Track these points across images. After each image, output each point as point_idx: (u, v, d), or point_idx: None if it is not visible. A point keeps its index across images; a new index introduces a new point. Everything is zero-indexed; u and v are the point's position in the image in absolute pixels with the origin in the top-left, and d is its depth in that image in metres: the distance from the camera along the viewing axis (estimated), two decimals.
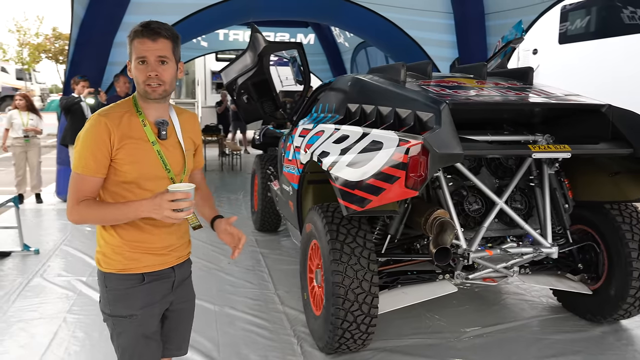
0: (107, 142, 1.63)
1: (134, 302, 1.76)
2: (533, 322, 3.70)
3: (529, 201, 3.40)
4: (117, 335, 1.79)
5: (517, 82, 3.64)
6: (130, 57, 1.67)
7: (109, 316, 1.78)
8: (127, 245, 1.73)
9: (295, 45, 4.35)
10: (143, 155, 1.68)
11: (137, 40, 1.64)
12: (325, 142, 3.12)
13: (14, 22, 32.27)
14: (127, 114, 1.69)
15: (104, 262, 1.76)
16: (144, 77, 1.64)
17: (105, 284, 1.76)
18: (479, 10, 7.65)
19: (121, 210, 1.64)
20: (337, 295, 2.81)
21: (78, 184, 1.65)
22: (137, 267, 1.75)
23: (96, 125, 1.65)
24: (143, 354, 1.81)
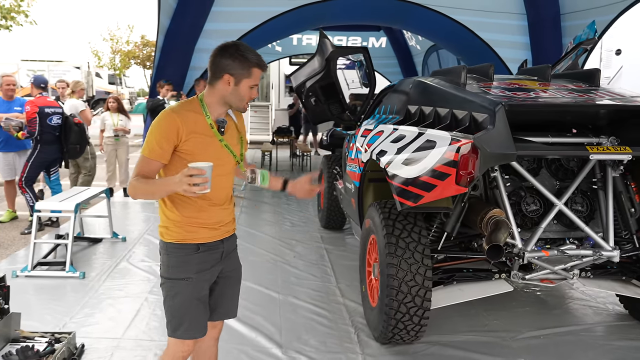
0: (175, 134, 1.93)
1: (190, 267, 2.04)
2: (595, 328, 3.64)
3: (591, 204, 3.36)
4: (173, 296, 2.06)
5: (583, 84, 3.60)
6: (238, 76, 1.97)
7: (167, 279, 2.07)
8: (185, 220, 2.03)
9: (361, 49, 4.53)
10: (207, 147, 1.98)
11: (257, 70, 1.98)
12: (384, 141, 3.27)
13: (107, 31, 34.87)
14: (194, 113, 1.99)
15: (166, 234, 2.06)
16: (248, 98, 2.02)
17: (167, 252, 2.06)
18: (554, 11, 7.44)
19: (157, 184, 1.94)
20: (391, 287, 2.96)
21: (141, 164, 1.96)
22: (193, 238, 2.04)
23: (168, 119, 1.95)
24: (194, 313, 2.08)
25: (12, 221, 6.31)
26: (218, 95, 2.01)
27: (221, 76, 1.97)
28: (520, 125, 3.15)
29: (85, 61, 27.34)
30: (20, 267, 4.39)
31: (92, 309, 3.73)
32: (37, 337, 3.07)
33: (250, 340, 3.32)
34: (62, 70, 25.12)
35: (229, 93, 1.99)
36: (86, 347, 3.13)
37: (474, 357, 3.15)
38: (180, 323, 2.07)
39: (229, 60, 1.96)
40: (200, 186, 1.76)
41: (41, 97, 5.85)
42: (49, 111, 5.79)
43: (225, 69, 1.97)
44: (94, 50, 28.58)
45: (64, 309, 3.70)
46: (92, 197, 5.23)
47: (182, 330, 2.08)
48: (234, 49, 1.97)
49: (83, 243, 5.28)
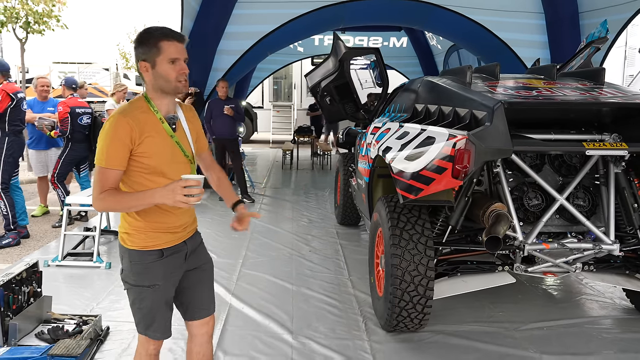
0: (128, 139, 1.82)
1: (156, 273, 2.00)
2: (599, 320, 3.72)
3: (593, 199, 3.45)
4: (140, 302, 2.03)
5: (588, 82, 3.68)
6: (150, 58, 1.85)
7: (133, 286, 2.02)
8: (149, 226, 1.96)
9: (373, 50, 4.68)
10: (162, 146, 1.90)
11: (166, 42, 1.84)
12: (389, 138, 3.43)
13: (135, 33, 35.68)
14: (142, 112, 1.90)
15: (128, 241, 1.99)
16: (176, 75, 1.86)
17: (129, 259, 2.00)
18: (572, 9, 7.44)
19: (137, 198, 1.84)
20: (395, 276, 3.11)
21: (101, 177, 1.84)
22: (157, 244, 1.99)
23: (118, 123, 1.83)
24: (162, 316, 2.08)
25: (44, 215, 6.66)
26: (150, 86, 1.92)
27: (139, 67, 1.89)
28: (526, 123, 3.26)
29: (114, 63, 28.07)
30: (52, 257, 4.68)
31: (117, 295, 3.98)
32: (66, 319, 3.34)
33: (263, 327, 3.51)
34: (91, 71, 25.87)
35: (154, 79, 1.88)
36: (111, 329, 3.37)
37: (476, 346, 3.28)
38: (149, 325, 2.08)
39: (138, 49, 1.88)
40: (195, 197, 1.75)
41: (72, 98, 6.17)
42: (79, 111, 6.10)
43: (139, 58, 1.88)
44: (122, 52, 29.30)
45: (91, 295, 3.96)
46: None
47: (151, 331, 2.09)
48: (139, 35, 1.90)
49: (109, 236, 5.56)
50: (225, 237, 5.65)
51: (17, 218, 5.44)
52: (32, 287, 3.28)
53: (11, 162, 5.40)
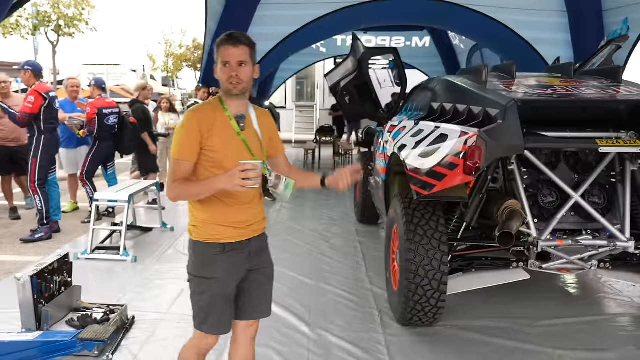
0: (197, 132, 1.97)
1: (217, 267, 2.06)
2: (616, 318, 3.72)
3: (609, 197, 3.46)
4: (199, 293, 2.09)
5: (605, 80, 3.69)
6: (216, 60, 2.03)
7: (195, 277, 2.10)
8: (212, 219, 2.05)
9: (391, 50, 4.76)
10: (228, 142, 2.01)
11: (222, 47, 2.00)
12: (405, 136, 3.50)
13: (162, 35, 36.38)
14: (213, 109, 2.04)
15: (194, 232, 2.09)
16: (226, 78, 2.00)
17: (194, 250, 2.10)
18: (596, 7, 7.36)
19: (202, 184, 1.97)
20: (409, 270, 3.18)
21: (175, 168, 1.99)
22: (219, 238, 2.06)
23: (189, 118, 2.02)
24: (219, 310, 2.10)
25: (74, 212, 6.91)
26: (221, 87, 2.07)
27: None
28: (544, 122, 3.29)
29: (141, 64, 28.65)
30: (81, 251, 4.89)
31: (142, 287, 4.15)
32: (95, 308, 3.50)
33: (282, 319, 3.62)
34: (119, 73, 26.50)
35: (220, 81, 2.05)
36: (136, 318, 3.52)
37: (489, 340, 3.33)
38: (206, 319, 2.11)
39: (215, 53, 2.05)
40: (253, 181, 1.83)
41: (100, 99, 6.40)
42: (106, 112, 6.32)
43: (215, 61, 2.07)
44: (149, 53, 29.89)
45: (118, 287, 4.13)
46: (144, 189, 5.71)
47: (207, 326, 2.12)
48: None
49: (136, 231, 5.76)
50: None
51: (51, 213, 5.68)
52: (63, 277, 3.46)
53: (47, 159, 5.64)
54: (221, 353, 3.05)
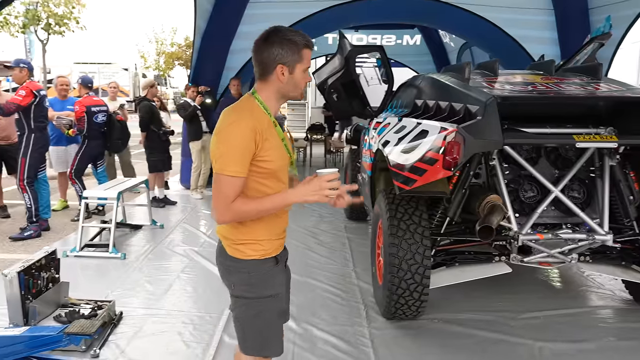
0: (253, 143, 1.72)
1: (275, 282, 1.91)
2: (596, 311, 3.80)
3: (588, 191, 3.52)
4: (255, 315, 1.89)
5: (586, 77, 3.76)
6: (291, 63, 1.78)
7: (251, 299, 1.88)
8: (266, 233, 1.88)
9: (377, 48, 4.80)
10: (277, 149, 1.82)
11: (307, 51, 1.81)
12: (388, 132, 3.55)
13: (153, 33, 36.25)
14: (259, 114, 1.80)
15: (247, 250, 1.86)
16: (305, 84, 1.86)
17: (247, 270, 1.87)
18: (582, 6, 7.44)
19: (272, 201, 1.76)
20: (393, 265, 3.24)
21: (228, 186, 1.71)
22: (273, 251, 1.91)
23: (245, 127, 1.71)
24: (279, 329, 1.98)
25: (64, 210, 6.91)
26: (273, 89, 1.83)
27: (274, 68, 1.79)
28: (526, 118, 3.35)
29: (133, 63, 28.57)
30: (70, 248, 4.91)
31: (131, 284, 4.18)
32: (82, 304, 3.53)
33: None
34: (111, 71, 26.40)
35: (285, 83, 1.81)
36: (124, 314, 3.56)
37: (472, 333, 3.39)
38: (267, 342, 1.95)
39: (277, 49, 1.77)
40: (335, 191, 1.75)
41: (88, 97, 6.41)
42: (95, 110, 6.34)
43: (276, 60, 1.78)
44: (141, 52, 29.81)
45: (106, 283, 4.16)
46: (133, 186, 5.74)
47: (269, 349, 1.96)
48: (279, 35, 1.78)
49: (125, 229, 5.78)
50: None
51: (40, 211, 5.69)
52: (50, 273, 3.49)
53: (37, 157, 5.64)
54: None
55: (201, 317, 3.58)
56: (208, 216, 6.63)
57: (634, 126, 3.33)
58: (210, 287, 4.17)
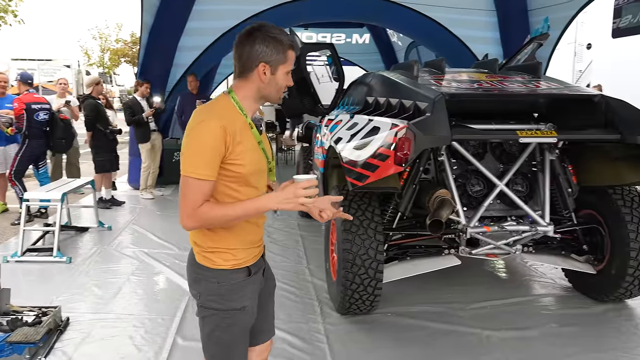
0: (223, 144, 1.62)
1: (246, 293, 1.79)
2: (540, 299, 3.98)
3: (531, 185, 3.69)
4: (224, 328, 1.78)
5: (527, 75, 3.93)
6: (274, 63, 1.69)
7: (219, 311, 1.77)
8: (240, 242, 1.77)
9: (328, 45, 4.84)
10: (251, 153, 1.70)
11: (292, 52, 1.72)
12: (341, 129, 3.59)
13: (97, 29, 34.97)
14: (233, 115, 1.70)
15: (216, 259, 1.76)
16: (285, 87, 1.77)
17: (217, 280, 1.76)
18: (521, 7, 7.78)
19: (244, 208, 1.65)
20: (346, 260, 3.27)
21: (195, 190, 1.61)
22: (246, 261, 1.79)
23: (213, 127, 1.61)
24: (244, 344, 1.86)
25: (3, 213, 6.57)
26: (253, 88, 1.73)
27: (255, 66, 1.68)
28: (473, 114, 3.47)
29: (75, 60, 27.46)
30: (11, 254, 4.67)
31: (78, 288, 4.02)
32: (25, 311, 3.37)
33: None
34: (52, 68, 25.27)
35: (266, 84, 1.71)
36: (71, 320, 3.42)
37: (424, 325, 3.48)
38: (231, 356, 1.83)
39: (261, 46, 1.67)
40: (313, 199, 1.64)
41: (28, 94, 6.11)
42: (35, 107, 6.05)
43: (259, 57, 1.67)
44: (84, 48, 28.70)
45: (51, 289, 3.99)
46: (78, 187, 5.53)
47: None
48: (263, 31, 1.67)
49: (70, 232, 5.57)
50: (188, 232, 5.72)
51: None
52: None
53: None
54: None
55: (153, 320, 3.50)
56: (158, 217, 6.48)
57: (571, 122, 3.52)
58: (162, 289, 4.09)
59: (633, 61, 9.08)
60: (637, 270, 3.47)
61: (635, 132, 3.06)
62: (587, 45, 10.70)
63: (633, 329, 3.42)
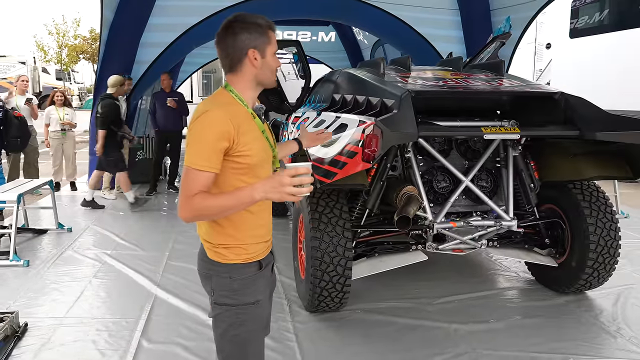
0: (227, 136, 1.61)
1: (258, 287, 1.78)
2: (504, 292, 4.07)
3: (495, 180, 3.76)
4: (239, 325, 1.76)
5: (490, 73, 4.00)
6: (261, 46, 1.69)
7: (233, 306, 1.75)
8: (248, 237, 1.76)
9: (294, 42, 4.81)
10: (257, 143, 1.70)
11: (272, 32, 1.72)
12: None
13: (53, 24, 33.82)
14: (234, 106, 1.69)
15: (228, 254, 1.76)
16: (277, 66, 1.75)
17: (229, 275, 1.75)
18: (484, 7, 7.93)
19: (235, 197, 1.59)
20: (315, 258, 3.26)
21: (196, 180, 1.60)
22: (256, 255, 1.79)
23: (216, 119, 1.61)
24: (260, 340, 1.84)
25: None
26: (249, 78, 1.72)
27: (245, 55, 1.68)
28: (439, 111, 3.51)
29: (31, 56, 26.52)
30: None
31: (36, 292, 3.88)
32: None
33: (189, 315, 3.55)
34: (5, 65, 24.35)
35: (260, 69, 1.70)
36: (29, 325, 3.29)
37: (392, 320, 3.50)
38: (245, 354, 1.81)
39: (244, 34, 1.67)
40: (307, 188, 1.53)
41: None
42: None
43: (246, 45, 1.67)
44: (40, 44, 27.73)
45: (7, 294, 3.83)
46: (36, 187, 5.33)
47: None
48: (240, 20, 1.69)
49: (28, 234, 5.36)
50: (152, 232, 5.60)
51: None
52: None
53: None
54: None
55: (117, 323, 3.40)
56: (120, 217, 6.31)
57: (533, 119, 3.60)
58: (126, 291, 3.98)
59: (590, 60, 9.38)
60: (596, 262, 3.58)
61: (593, 128, 3.16)
62: (546, 45, 11.02)
63: (592, 319, 3.53)
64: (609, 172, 3.49)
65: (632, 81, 8.53)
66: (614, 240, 3.58)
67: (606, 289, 3.92)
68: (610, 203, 3.71)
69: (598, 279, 3.69)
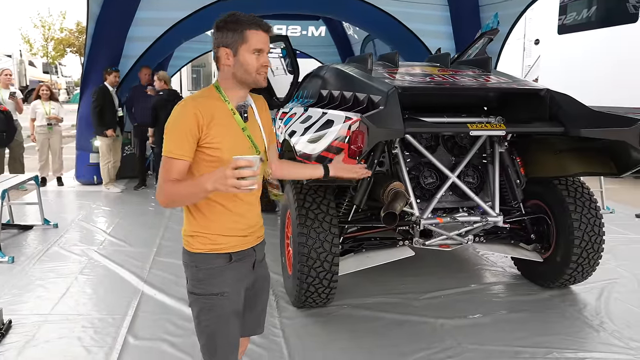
0: (195, 126, 1.69)
1: (224, 279, 1.81)
2: (490, 287, 4.10)
3: (481, 176, 3.78)
4: (205, 314, 1.82)
5: (477, 69, 4.01)
6: (233, 45, 1.73)
7: (199, 296, 1.82)
8: (217, 228, 1.79)
9: (282, 37, 4.79)
10: (231, 138, 1.75)
11: (253, 32, 1.72)
12: (295, 122, 3.56)
13: (39, 17, 33.36)
14: (212, 100, 1.77)
15: (195, 243, 1.81)
16: (257, 67, 1.76)
17: (195, 264, 1.81)
18: (473, 3, 7.95)
19: (191, 185, 1.66)
20: (302, 253, 3.26)
21: (166, 167, 1.70)
22: (226, 247, 1.81)
23: (185, 110, 1.71)
24: (229, 332, 1.86)
25: None
26: (226, 76, 1.79)
27: (218, 53, 1.76)
28: (425, 108, 3.51)
29: (17, 49, 26.17)
30: None
31: (21, 289, 3.84)
32: None
33: (175, 311, 3.54)
34: None
35: (233, 68, 1.75)
36: (13, 322, 3.27)
37: (379, 315, 3.51)
38: (214, 345, 1.85)
39: (217, 33, 1.75)
40: (249, 180, 1.50)
41: None
42: None
43: (219, 43, 1.75)
44: (26, 37, 27.37)
45: None
46: (20, 183, 5.27)
47: (219, 354, 1.86)
48: (222, 19, 1.76)
49: (13, 230, 5.31)
50: (139, 228, 5.57)
51: None
52: None
53: None
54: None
55: (103, 320, 3.38)
56: (107, 213, 6.27)
57: (520, 115, 3.62)
58: (113, 288, 3.96)
59: (579, 57, 9.44)
60: (580, 257, 3.62)
61: (578, 125, 3.18)
62: (535, 41, 11.07)
63: (577, 314, 3.57)
64: (594, 169, 3.52)
65: (620, 77, 8.60)
66: (597, 235, 3.62)
67: (590, 283, 3.97)
68: (595, 199, 3.75)
69: (582, 273, 3.73)
